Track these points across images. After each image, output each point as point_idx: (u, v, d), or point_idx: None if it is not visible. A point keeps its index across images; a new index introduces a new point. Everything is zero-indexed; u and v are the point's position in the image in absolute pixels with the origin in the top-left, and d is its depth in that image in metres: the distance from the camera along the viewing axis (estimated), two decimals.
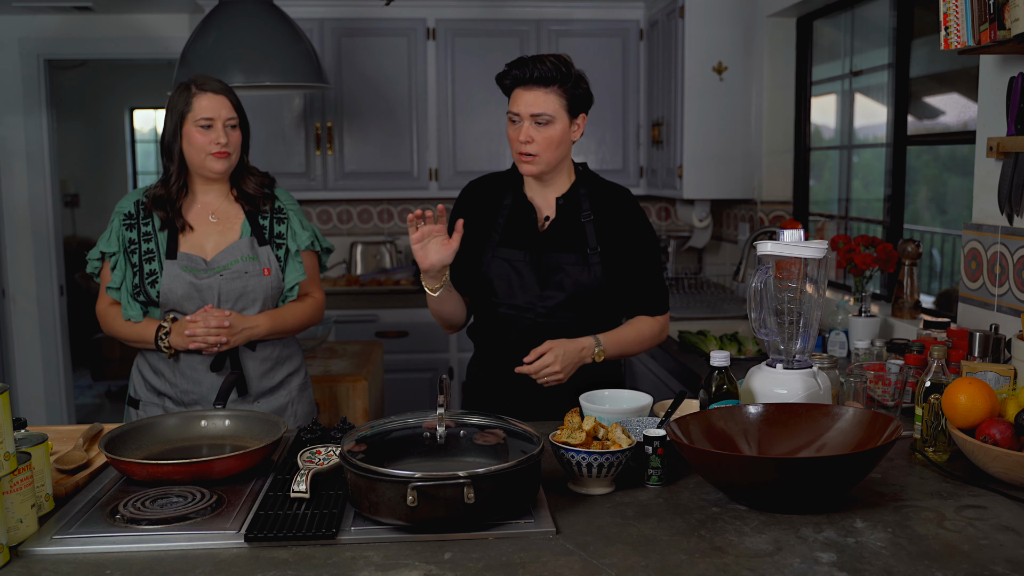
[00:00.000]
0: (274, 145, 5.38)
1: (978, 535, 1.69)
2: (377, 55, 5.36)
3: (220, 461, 1.94)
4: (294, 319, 2.76)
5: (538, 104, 2.48)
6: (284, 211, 2.79)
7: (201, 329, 2.57)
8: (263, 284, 2.69)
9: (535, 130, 2.50)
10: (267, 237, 2.74)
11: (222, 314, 2.59)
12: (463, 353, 5.19)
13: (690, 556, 1.60)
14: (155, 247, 2.67)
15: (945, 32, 2.46)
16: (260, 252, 2.71)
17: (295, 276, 2.75)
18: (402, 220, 5.99)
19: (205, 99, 2.64)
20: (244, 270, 2.68)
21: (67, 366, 6.08)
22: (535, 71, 2.46)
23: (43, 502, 1.82)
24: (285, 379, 2.82)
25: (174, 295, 2.63)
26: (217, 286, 2.65)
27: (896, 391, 2.39)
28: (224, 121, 2.65)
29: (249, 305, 2.69)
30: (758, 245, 2.22)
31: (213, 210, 2.74)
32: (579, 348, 2.49)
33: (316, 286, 2.87)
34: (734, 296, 5.02)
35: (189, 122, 2.63)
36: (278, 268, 2.73)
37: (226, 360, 2.69)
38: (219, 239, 2.71)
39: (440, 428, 1.91)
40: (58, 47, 5.75)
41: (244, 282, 2.67)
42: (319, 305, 2.84)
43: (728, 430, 1.99)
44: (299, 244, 2.76)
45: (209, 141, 2.63)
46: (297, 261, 2.76)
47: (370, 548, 1.65)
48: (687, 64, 4.75)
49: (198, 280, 2.64)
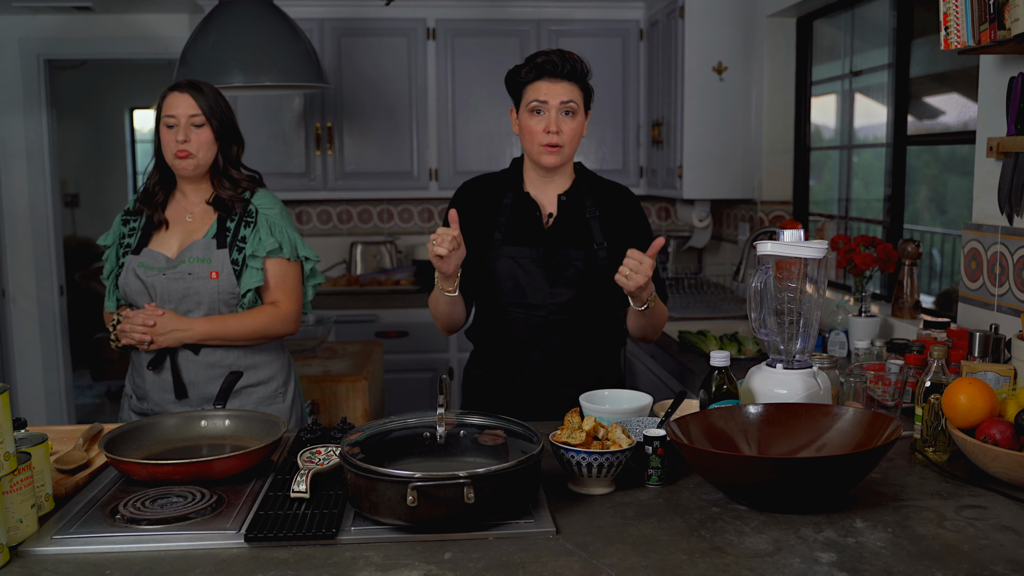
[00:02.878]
0: (274, 145, 5.38)
1: (978, 535, 1.68)
2: (377, 55, 5.36)
3: (220, 461, 1.93)
4: (242, 327, 2.65)
5: (566, 93, 2.50)
6: (254, 214, 2.70)
7: (128, 325, 2.57)
8: (208, 287, 2.63)
9: (563, 120, 2.51)
10: (228, 240, 2.67)
11: (152, 313, 2.56)
12: (463, 353, 5.19)
13: (690, 556, 1.60)
14: (133, 243, 2.70)
15: (945, 32, 2.46)
16: (216, 255, 2.65)
17: (250, 282, 2.65)
18: (402, 220, 5.99)
19: (171, 97, 2.65)
20: (188, 271, 2.63)
21: (67, 366, 6.08)
22: (567, 65, 2.50)
23: (43, 502, 1.82)
24: (243, 389, 2.71)
25: (128, 290, 2.66)
26: (161, 285, 2.63)
27: (896, 391, 2.39)
28: (187, 119, 2.62)
29: (193, 307, 2.64)
30: (758, 245, 2.22)
31: (192, 210, 2.73)
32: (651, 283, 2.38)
33: (286, 295, 2.72)
34: (734, 296, 5.01)
35: (161, 121, 2.65)
36: (231, 272, 2.64)
37: (165, 360, 2.66)
38: (185, 238, 2.69)
39: (440, 428, 1.91)
40: (58, 47, 5.75)
41: (187, 283, 2.63)
42: (282, 315, 2.70)
43: (728, 430, 1.99)
44: (261, 250, 2.66)
45: (171, 139, 2.63)
46: (255, 267, 2.66)
47: (370, 548, 1.65)
48: (687, 64, 4.75)
49: (147, 277, 2.64)
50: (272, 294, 2.71)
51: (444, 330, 2.72)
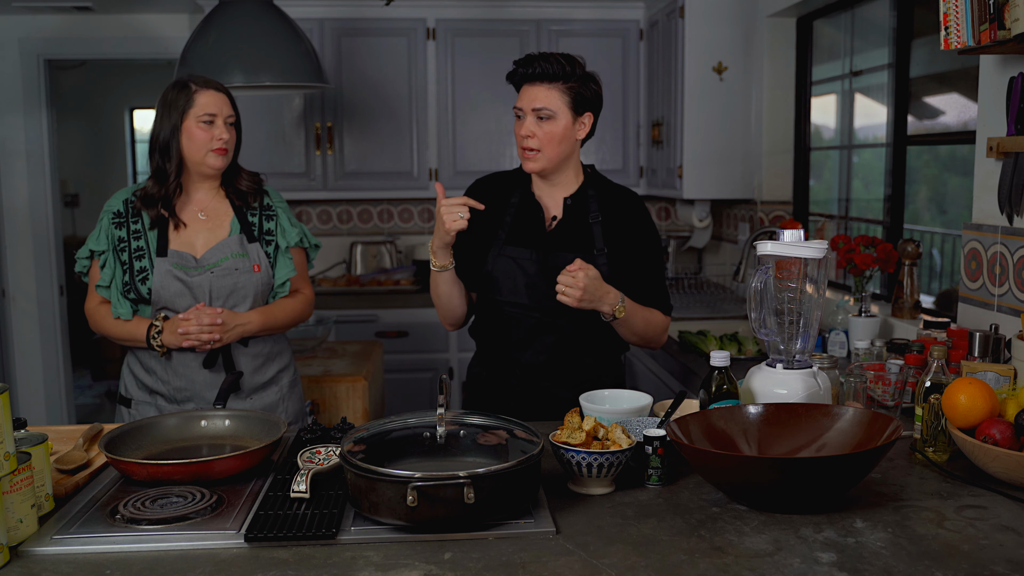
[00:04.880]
0: (274, 145, 5.38)
1: (978, 535, 1.68)
2: (377, 55, 5.36)
3: (220, 461, 1.93)
4: (284, 315, 2.81)
5: (539, 99, 2.49)
6: (273, 208, 2.83)
7: (195, 327, 2.59)
8: (253, 280, 2.72)
9: (536, 125, 2.51)
10: (256, 234, 2.77)
11: (215, 311, 2.62)
12: (463, 353, 5.19)
13: (690, 556, 1.60)
14: (145, 245, 2.69)
15: (945, 32, 2.45)
16: (250, 249, 2.74)
17: (285, 272, 2.79)
18: (402, 220, 5.99)
19: (207, 95, 2.67)
20: (234, 267, 2.70)
21: (67, 366, 6.08)
22: (537, 67, 2.49)
23: (43, 502, 1.82)
24: (276, 375, 2.85)
25: (166, 292, 2.65)
26: (208, 283, 2.67)
27: (896, 391, 2.39)
28: (225, 118, 2.68)
29: (240, 302, 2.71)
30: (758, 245, 2.22)
31: (203, 207, 2.76)
32: (606, 291, 2.42)
33: (305, 282, 2.91)
34: (734, 296, 5.01)
35: (191, 118, 2.65)
36: (268, 264, 2.76)
37: (219, 356, 2.71)
38: (208, 236, 2.73)
39: (440, 428, 1.91)
40: (58, 47, 5.75)
41: (235, 279, 2.70)
42: (309, 301, 2.90)
43: (728, 430, 1.99)
44: (288, 241, 2.80)
45: (211, 137, 2.66)
46: (287, 257, 2.80)
47: (370, 548, 1.65)
48: (687, 64, 4.75)
49: (189, 278, 2.66)
50: (296, 281, 2.86)
51: (447, 323, 2.72)
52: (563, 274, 2.37)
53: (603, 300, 2.42)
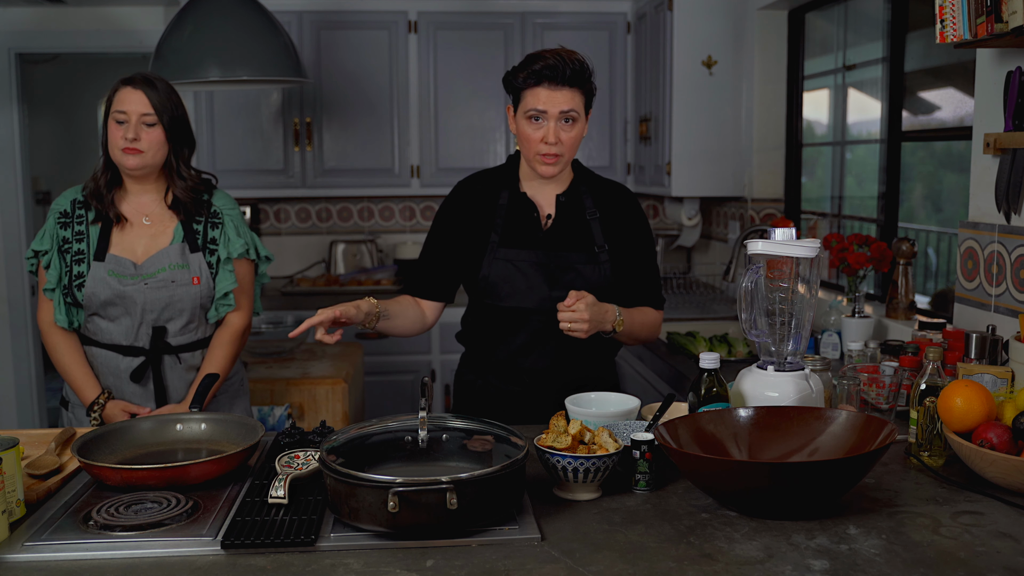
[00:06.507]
0: (251, 141, 5.33)
1: (974, 542, 1.68)
2: (357, 48, 5.31)
3: (196, 466, 1.92)
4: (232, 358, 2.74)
5: (567, 101, 2.44)
6: (220, 215, 2.70)
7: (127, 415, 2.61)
8: (191, 294, 2.63)
9: (563, 129, 2.45)
10: (200, 243, 2.67)
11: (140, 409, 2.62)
12: (445, 355, 5.15)
13: (679, 563, 1.59)
14: (85, 248, 2.62)
15: (941, 25, 2.44)
16: (191, 259, 2.64)
17: (226, 284, 2.67)
18: (383, 218, 5.95)
19: (124, 93, 2.58)
20: (171, 279, 2.61)
21: (39, 368, 6.03)
22: (568, 69, 2.41)
23: (14, 508, 1.79)
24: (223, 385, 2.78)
25: (97, 299, 2.59)
26: (142, 295, 2.59)
27: (890, 394, 2.38)
28: (138, 117, 2.56)
29: (176, 315, 2.64)
30: (749, 244, 2.20)
31: (147, 212, 2.67)
32: (605, 310, 2.40)
33: (246, 297, 2.76)
34: (724, 296, 5.00)
35: (111, 115, 2.59)
36: (209, 276, 2.66)
37: (147, 371, 2.65)
38: (150, 243, 2.65)
39: (422, 432, 1.89)
40: (29, 40, 5.68)
41: (171, 291, 2.61)
42: (248, 322, 2.77)
43: (718, 434, 1.98)
44: (231, 251, 2.67)
45: (120, 136, 2.56)
46: (228, 269, 2.68)
47: (350, 555, 1.64)
48: (676, 58, 4.71)
49: (122, 287, 2.58)
50: (236, 295, 2.72)
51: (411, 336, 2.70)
52: (563, 311, 2.32)
53: (605, 320, 2.39)
